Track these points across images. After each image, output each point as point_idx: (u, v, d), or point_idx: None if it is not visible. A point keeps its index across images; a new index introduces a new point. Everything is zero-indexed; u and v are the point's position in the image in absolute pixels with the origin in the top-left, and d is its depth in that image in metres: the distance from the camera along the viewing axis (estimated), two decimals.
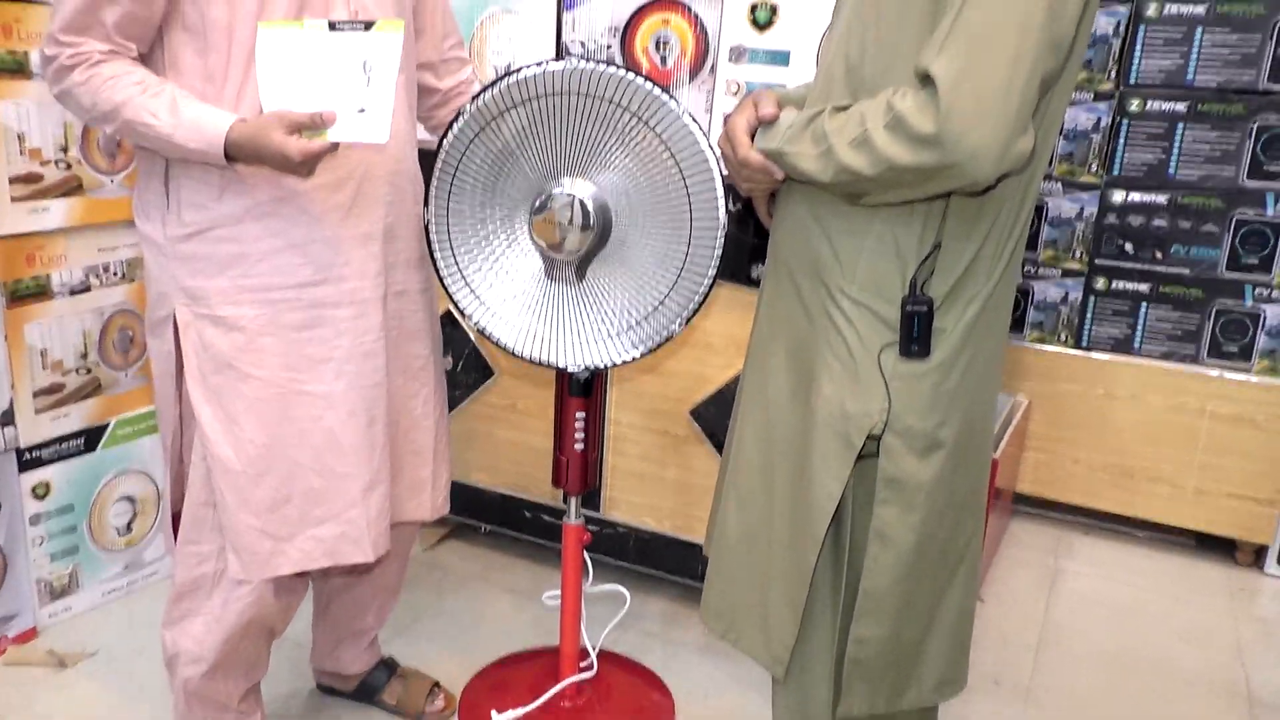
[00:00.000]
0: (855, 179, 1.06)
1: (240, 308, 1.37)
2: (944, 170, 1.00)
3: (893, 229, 1.10)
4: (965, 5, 0.97)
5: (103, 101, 1.27)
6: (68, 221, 1.83)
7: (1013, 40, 0.96)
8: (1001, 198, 1.08)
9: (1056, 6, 0.97)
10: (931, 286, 1.10)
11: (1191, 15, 2.19)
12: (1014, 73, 0.96)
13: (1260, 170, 2.21)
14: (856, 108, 1.06)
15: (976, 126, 0.96)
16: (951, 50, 0.97)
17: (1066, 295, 2.55)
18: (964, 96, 0.96)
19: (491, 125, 1.46)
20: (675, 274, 1.49)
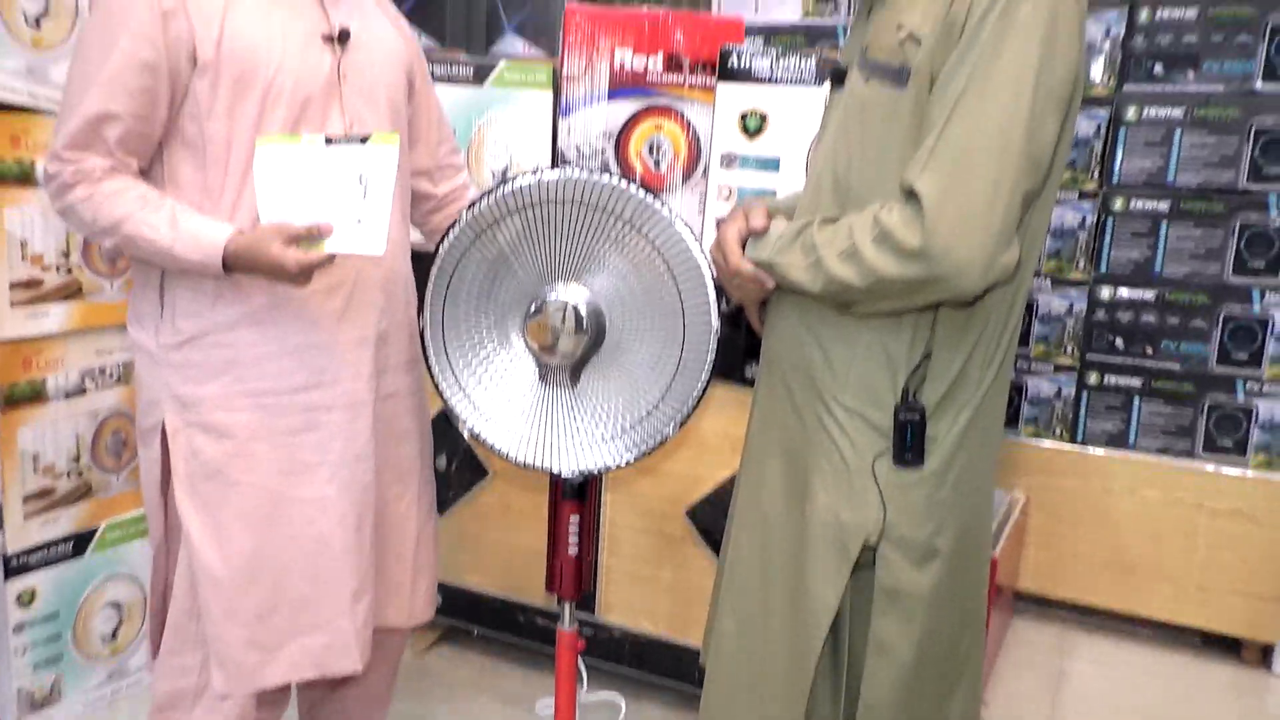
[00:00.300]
0: (844, 290, 1.07)
1: (233, 413, 1.37)
2: (931, 283, 1.01)
3: (883, 338, 1.11)
4: (947, 124, 1.00)
5: (104, 217, 1.29)
6: (66, 325, 1.84)
7: (994, 159, 0.99)
8: (989, 308, 1.10)
9: (1034, 127, 1.00)
10: (923, 394, 1.11)
11: (1170, 118, 2.25)
12: (996, 190, 0.99)
13: (1244, 267, 2.25)
14: (845, 220, 1.08)
15: (962, 241, 0.99)
16: (935, 168, 1.00)
17: (1060, 390, 2.56)
18: (948, 213, 0.99)
19: (487, 233, 1.49)
20: (669, 378, 1.50)
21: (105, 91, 1.27)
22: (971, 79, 0.99)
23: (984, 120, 0.99)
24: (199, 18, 1.29)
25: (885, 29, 1.10)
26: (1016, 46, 0.98)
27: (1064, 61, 1.02)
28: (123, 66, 1.27)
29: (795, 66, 1.88)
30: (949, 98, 1.01)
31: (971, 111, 0.99)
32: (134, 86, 1.28)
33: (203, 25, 1.29)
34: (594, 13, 2.07)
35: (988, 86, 0.99)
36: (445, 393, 1.55)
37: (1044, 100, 1.00)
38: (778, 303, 1.23)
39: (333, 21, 1.40)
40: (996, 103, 0.99)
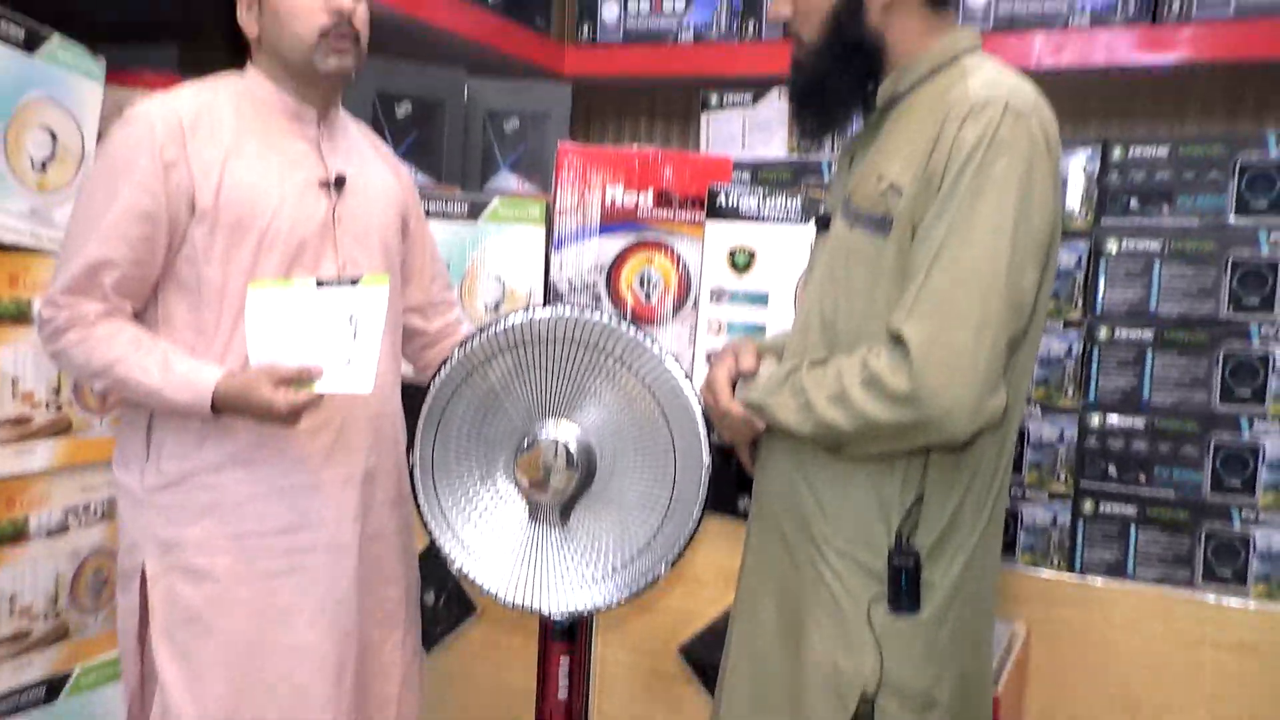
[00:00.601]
0: (834, 433, 1.08)
1: (214, 556, 1.36)
2: (920, 427, 1.02)
3: (875, 481, 1.11)
4: (930, 273, 1.02)
5: (96, 360, 1.30)
6: (53, 463, 1.83)
7: (977, 306, 1.01)
8: (980, 451, 1.10)
9: (1015, 275, 1.03)
10: (917, 539, 1.10)
11: (1148, 251, 2.30)
12: (980, 336, 1.01)
13: (1231, 395, 2.26)
14: (834, 363, 1.10)
15: (949, 386, 1.00)
16: (920, 314, 1.02)
17: (1055, 518, 2.53)
18: (934, 357, 1.00)
19: (478, 370, 1.50)
20: (660, 516, 1.49)
21: (105, 240, 1.30)
22: (951, 230, 1.02)
23: (965, 269, 1.01)
24: (199, 167, 1.33)
25: (867, 179, 1.13)
26: (994, 198, 1.02)
27: (1040, 212, 1.05)
28: (123, 216, 1.30)
29: (782, 205, 1.94)
30: (930, 247, 1.03)
31: (953, 261, 1.02)
32: (133, 235, 1.31)
33: (202, 175, 1.33)
34: (586, 152, 2.13)
35: (968, 237, 1.02)
36: (434, 531, 1.53)
37: (1023, 249, 1.03)
38: (768, 443, 1.24)
39: (329, 168, 1.44)
40: (977, 252, 1.01)
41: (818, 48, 1.17)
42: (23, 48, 1.66)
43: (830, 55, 1.16)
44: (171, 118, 1.34)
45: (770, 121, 2.56)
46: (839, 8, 1.15)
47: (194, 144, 1.34)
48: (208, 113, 1.38)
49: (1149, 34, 2.25)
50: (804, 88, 1.20)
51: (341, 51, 1.40)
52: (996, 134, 1.03)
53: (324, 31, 1.38)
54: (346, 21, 1.39)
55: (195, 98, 1.39)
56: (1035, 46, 2.33)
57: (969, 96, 1.07)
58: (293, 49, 1.40)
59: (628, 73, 2.76)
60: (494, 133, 2.47)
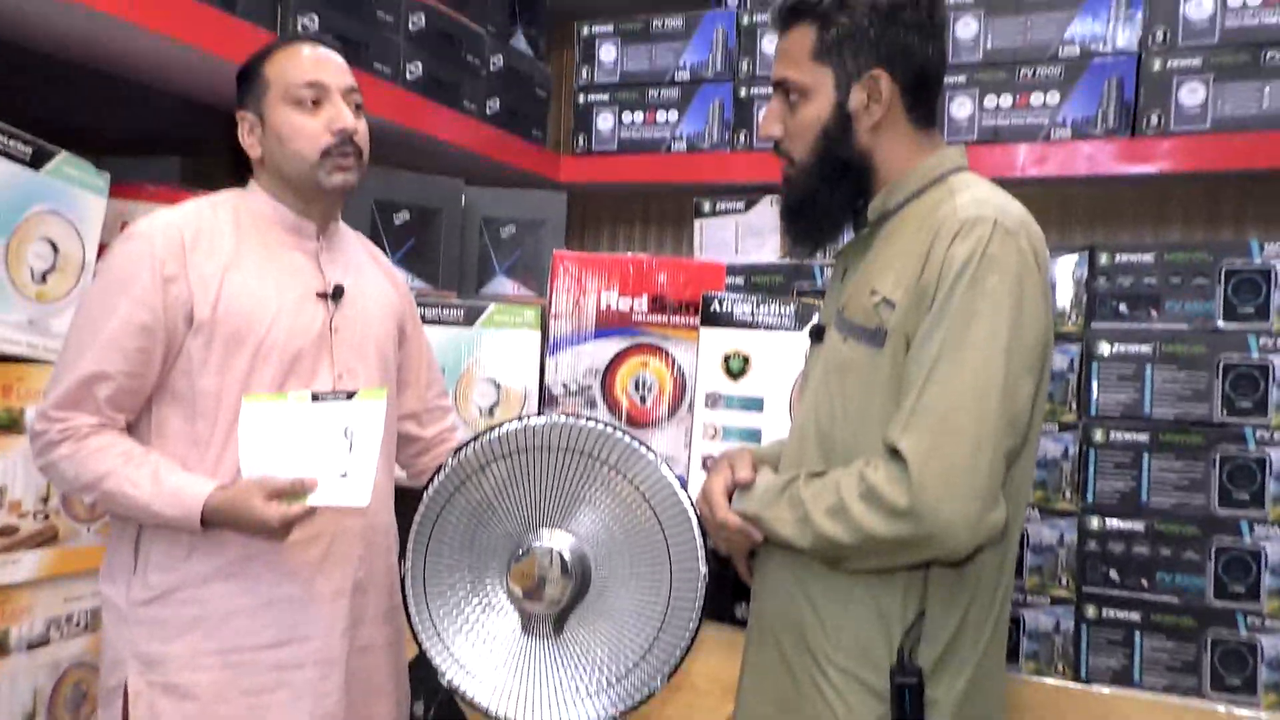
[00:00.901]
0: (833, 546, 1.07)
1: (197, 673, 1.32)
2: (921, 541, 1.01)
3: (875, 594, 1.10)
4: (925, 387, 1.03)
5: (86, 473, 1.29)
6: (37, 573, 1.79)
7: (973, 420, 1.01)
8: (981, 564, 1.09)
9: (1010, 389, 1.03)
10: (920, 655, 1.07)
11: (1140, 354, 2.32)
12: (978, 450, 1.01)
13: (1230, 499, 2.25)
14: (831, 476, 1.09)
15: (948, 500, 0.99)
16: (916, 428, 1.02)
17: (1058, 624, 2.49)
18: (933, 471, 1.00)
19: (472, 478, 1.48)
20: (656, 627, 1.46)
21: (101, 353, 1.31)
22: (945, 344, 1.03)
23: (961, 383, 1.02)
24: (198, 281, 1.34)
25: (860, 292, 1.15)
26: (987, 313, 1.03)
27: (1033, 325, 1.06)
28: (120, 329, 1.31)
29: (776, 311, 1.95)
30: (925, 362, 1.04)
31: (948, 375, 1.02)
32: (129, 348, 1.31)
33: (201, 289, 1.34)
34: (581, 258, 2.16)
35: (962, 351, 1.02)
36: (424, 643, 1.49)
37: (1018, 363, 1.04)
38: (766, 555, 1.22)
39: (327, 279, 1.45)
40: (971, 367, 1.02)
41: (808, 166, 1.20)
42: (30, 164, 1.69)
43: (820, 173, 1.19)
44: (173, 233, 1.36)
45: (763, 227, 2.60)
46: (829, 128, 1.18)
47: (194, 258, 1.36)
48: (208, 227, 1.40)
49: (1129, 146, 2.32)
50: (795, 204, 1.23)
51: (345, 169, 1.44)
52: (986, 250, 1.05)
53: (326, 151, 1.42)
54: (349, 140, 1.43)
55: (196, 213, 1.42)
56: (1019, 157, 2.39)
57: (958, 214, 1.09)
58: (296, 168, 1.43)
59: (622, 180, 2.82)
60: (490, 239, 2.51)
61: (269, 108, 1.43)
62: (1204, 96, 2.29)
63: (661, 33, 2.79)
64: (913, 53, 1.17)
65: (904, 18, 1.16)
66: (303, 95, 1.41)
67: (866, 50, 1.16)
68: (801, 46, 1.19)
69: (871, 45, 1.16)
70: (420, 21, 2.35)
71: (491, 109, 2.63)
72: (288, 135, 1.42)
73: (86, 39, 1.76)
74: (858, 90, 1.17)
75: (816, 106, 1.19)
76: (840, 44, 1.17)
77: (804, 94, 1.19)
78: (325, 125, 1.42)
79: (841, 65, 1.17)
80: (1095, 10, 2.38)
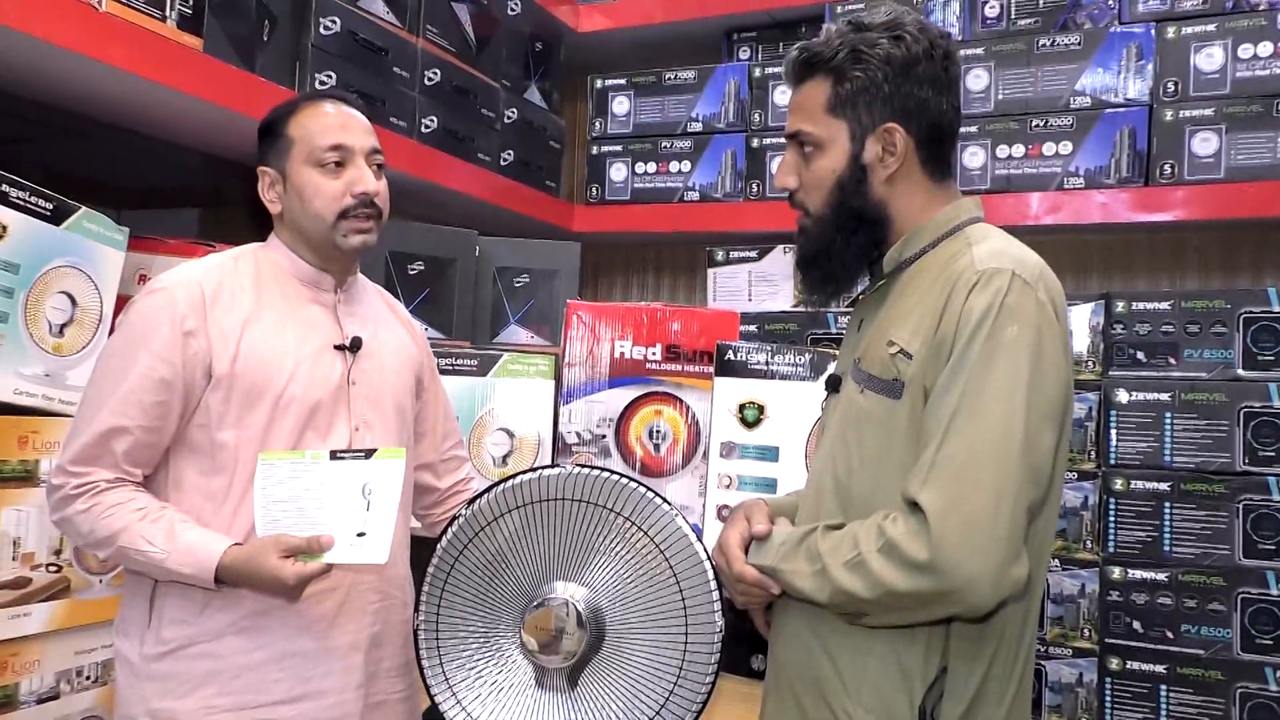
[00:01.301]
0: (852, 600, 1.05)
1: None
2: (942, 597, 0.99)
3: (896, 649, 1.07)
4: (944, 441, 1.01)
5: (101, 529, 1.29)
6: (48, 626, 1.78)
7: (993, 473, 0.99)
8: (1004, 620, 1.07)
9: (1031, 441, 1.02)
10: (943, 713, 1.05)
11: (1159, 402, 2.30)
12: (999, 503, 0.99)
13: (1255, 549, 2.21)
14: (850, 529, 1.08)
15: (970, 554, 0.98)
16: (936, 481, 1.00)
17: (1081, 676, 2.44)
18: (953, 524, 0.98)
19: (486, 530, 1.47)
20: (671, 682, 1.43)
21: (119, 408, 1.31)
22: (964, 397, 1.02)
23: (980, 436, 1.01)
24: (218, 336, 1.34)
25: (877, 343, 1.14)
26: (1006, 365, 1.02)
27: (1053, 377, 1.05)
28: (139, 384, 1.31)
29: (791, 361, 1.95)
30: (944, 415, 1.03)
31: (967, 428, 1.01)
32: (148, 402, 1.31)
33: (220, 343, 1.34)
34: (595, 308, 2.17)
35: (980, 404, 1.01)
36: (438, 697, 1.47)
37: (1038, 414, 1.02)
38: (784, 608, 1.20)
39: (345, 331, 1.46)
40: (990, 418, 1.01)
41: (824, 217, 1.20)
42: (50, 220, 1.71)
43: (836, 224, 1.19)
44: (193, 288, 1.37)
45: (775, 275, 2.61)
46: (844, 180, 1.18)
47: (214, 313, 1.36)
48: (229, 283, 1.40)
49: (1143, 195, 2.32)
50: (811, 255, 1.23)
51: (364, 230, 1.44)
52: (1005, 301, 1.04)
53: (345, 212, 1.42)
54: (369, 202, 1.44)
55: (219, 268, 1.42)
56: (1033, 206, 2.40)
57: (976, 265, 1.08)
58: (315, 227, 1.44)
59: (635, 230, 2.84)
60: (504, 288, 2.52)
61: (292, 166, 1.44)
62: (1217, 146, 2.30)
63: (674, 85, 2.82)
64: (927, 106, 1.17)
65: (918, 72, 1.17)
66: (327, 158, 1.42)
67: (881, 104, 1.17)
68: (816, 99, 1.20)
69: (886, 99, 1.17)
70: (435, 76, 2.38)
71: (506, 160, 2.66)
72: (309, 196, 1.42)
73: (109, 96, 1.79)
74: (872, 143, 1.18)
75: (831, 159, 1.19)
76: (855, 97, 1.17)
77: (819, 146, 1.20)
78: (346, 187, 1.42)
79: (856, 118, 1.18)
80: (1105, 62, 2.40)
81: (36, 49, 1.54)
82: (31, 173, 1.69)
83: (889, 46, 1.16)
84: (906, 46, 1.16)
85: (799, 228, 1.25)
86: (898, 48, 1.16)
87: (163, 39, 1.70)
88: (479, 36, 2.56)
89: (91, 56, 1.57)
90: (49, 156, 2.37)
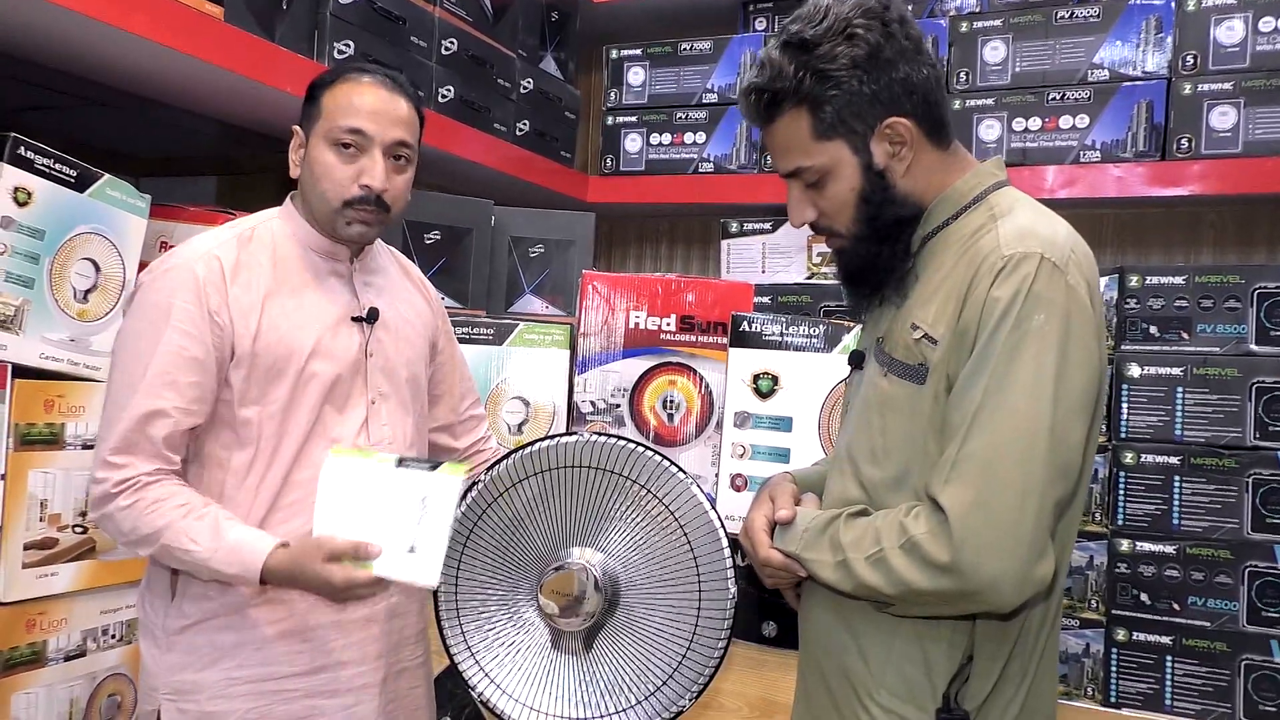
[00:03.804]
0: (874, 594, 1.05)
1: (231, 701, 1.32)
2: (964, 596, 0.98)
3: (920, 637, 1.07)
4: (967, 437, 0.99)
5: (144, 525, 1.28)
6: (74, 585, 1.82)
7: (1019, 470, 0.97)
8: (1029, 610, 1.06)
9: (1059, 436, 0.99)
10: (965, 697, 1.05)
11: (1170, 376, 2.30)
12: (1024, 502, 0.96)
13: (1263, 523, 2.22)
14: (873, 522, 1.07)
15: (992, 556, 0.96)
16: (958, 480, 0.98)
17: (1088, 646, 2.47)
18: (975, 526, 0.96)
19: (504, 496, 1.50)
20: (684, 647, 1.46)
21: (153, 390, 1.28)
22: (988, 392, 0.98)
23: (1004, 432, 0.97)
24: (239, 313, 1.33)
25: (900, 325, 1.11)
26: (1031, 357, 0.98)
27: (1083, 365, 1.01)
28: (171, 364, 1.29)
29: (805, 332, 1.96)
30: (967, 409, 1.00)
31: (990, 424, 0.98)
32: (183, 382, 1.29)
33: (242, 320, 1.33)
34: (610, 278, 2.18)
35: (1005, 399, 0.97)
36: (457, 658, 1.50)
37: (1066, 408, 0.98)
38: (812, 591, 1.21)
39: (362, 302, 1.46)
40: (1015, 414, 0.97)
41: (860, 235, 1.14)
42: (74, 187, 1.73)
43: (877, 238, 1.13)
44: (212, 264, 1.34)
45: (789, 247, 2.62)
46: (867, 193, 1.12)
47: (234, 290, 1.34)
48: (247, 257, 1.38)
49: (1160, 169, 2.31)
50: (857, 272, 1.16)
51: (364, 223, 1.41)
52: (1032, 289, 1.00)
53: (349, 201, 1.38)
54: (375, 197, 1.39)
55: (234, 242, 1.39)
56: (1049, 179, 2.39)
57: (1001, 249, 1.04)
58: (319, 206, 1.41)
59: (649, 201, 2.85)
60: (519, 258, 2.53)
61: (314, 138, 1.41)
62: (1235, 120, 2.29)
63: (689, 55, 2.81)
64: (910, 82, 1.10)
65: (886, 57, 1.09)
66: (343, 139, 1.37)
67: (868, 106, 1.10)
68: (799, 133, 1.12)
69: (872, 100, 1.10)
70: (452, 46, 2.38)
71: (521, 130, 2.66)
72: (319, 174, 1.39)
73: (129, 63, 1.80)
74: (878, 145, 1.11)
75: (845, 179, 1.12)
76: (841, 115, 1.10)
77: (825, 173, 1.13)
78: (356, 176, 1.38)
79: (851, 132, 1.11)
80: (1124, 34, 2.38)
81: (58, 17, 1.55)
82: (51, 140, 1.71)
83: (848, 49, 1.08)
84: (864, 40, 1.09)
85: (834, 249, 1.18)
86: (856, 46, 1.09)
87: (184, 7, 1.71)
88: (495, 6, 2.56)
89: (113, 25, 1.58)
90: (69, 124, 2.38)
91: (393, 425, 1.47)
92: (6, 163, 1.62)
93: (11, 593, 1.72)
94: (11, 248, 1.65)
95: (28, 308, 1.69)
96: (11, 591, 1.72)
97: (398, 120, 1.41)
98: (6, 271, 1.64)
